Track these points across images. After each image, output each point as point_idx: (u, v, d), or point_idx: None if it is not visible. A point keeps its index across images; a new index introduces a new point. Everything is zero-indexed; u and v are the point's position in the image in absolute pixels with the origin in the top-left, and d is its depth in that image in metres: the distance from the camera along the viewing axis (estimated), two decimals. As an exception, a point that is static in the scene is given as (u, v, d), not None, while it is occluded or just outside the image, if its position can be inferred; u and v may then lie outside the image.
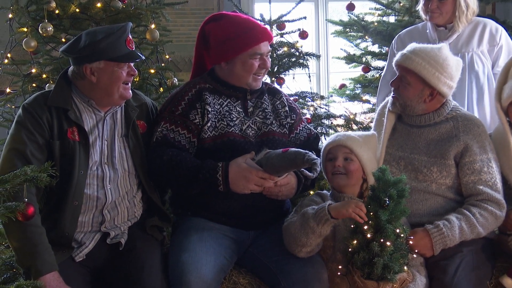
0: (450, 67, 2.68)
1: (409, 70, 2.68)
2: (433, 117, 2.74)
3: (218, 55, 2.70)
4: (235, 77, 2.70)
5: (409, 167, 2.72)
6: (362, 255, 2.29)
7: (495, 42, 3.31)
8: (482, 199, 2.60)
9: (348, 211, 2.33)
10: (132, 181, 2.61)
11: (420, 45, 2.76)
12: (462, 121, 2.72)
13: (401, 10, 4.67)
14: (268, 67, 2.72)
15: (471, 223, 2.55)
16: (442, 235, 2.52)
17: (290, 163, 2.42)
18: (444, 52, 2.71)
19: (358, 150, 2.60)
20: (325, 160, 2.68)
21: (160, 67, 3.71)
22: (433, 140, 2.72)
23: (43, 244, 2.31)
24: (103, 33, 2.46)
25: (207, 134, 2.64)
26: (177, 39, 4.45)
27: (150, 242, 2.60)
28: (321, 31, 5.78)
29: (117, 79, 2.49)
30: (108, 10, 3.41)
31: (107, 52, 2.45)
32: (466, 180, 2.64)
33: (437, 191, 2.67)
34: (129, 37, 2.52)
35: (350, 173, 2.58)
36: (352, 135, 2.67)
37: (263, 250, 2.63)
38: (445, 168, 2.66)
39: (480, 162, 2.64)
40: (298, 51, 4.04)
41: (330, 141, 2.68)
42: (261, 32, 2.68)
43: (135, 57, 2.54)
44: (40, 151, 2.41)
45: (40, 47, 3.45)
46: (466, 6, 3.23)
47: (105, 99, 2.53)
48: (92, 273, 2.50)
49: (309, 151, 2.42)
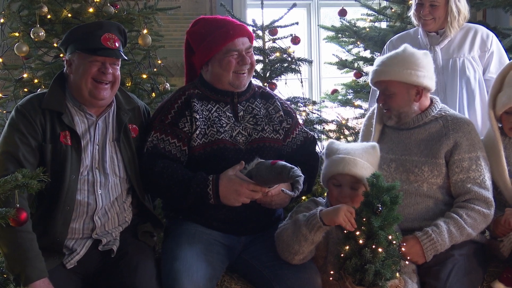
0: (420, 60, 2.72)
1: (387, 82, 2.73)
2: (421, 118, 2.77)
3: (199, 58, 2.71)
4: (217, 78, 2.69)
5: (400, 169, 2.73)
6: (354, 261, 2.28)
7: (486, 48, 3.33)
8: (470, 199, 2.63)
9: (338, 218, 2.32)
10: (123, 186, 2.59)
11: (384, 56, 2.84)
12: (452, 119, 2.75)
13: (392, 16, 4.70)
14: (248, 63, 2.69)
15: (459, 225, 2.57)
16: (431, 241, 2.53)
17: (277, 176, 2.41)
18: (409, 51, 2.75)
19: (365, 176, 2.48)
20: (328, 182, 2.60)
21: (153, 72, 3.71)
22: (423, 140, 2.74)
23: (34, 250, 2.30)
24: (81, 24, 2.47)
25: (196, 142, 2.63)
26: (169, 44, 4.44)
27: (142, 248, 2.59)
28: (313, 36, 5.79)
29: (84, 72, 2.46)
30: (101, 15, 3.41)
31: (79, 42, 2.46)
32: (455, 179, 2.67)
33: (428, 192, 2.68)
34: (108, 34, 2.48)
35: (356, 201, 2.48)
36: (357, 160, 2.54)
37: (256, 256, 2.62)
38: (436, 167, 2.68)
39: (468, 160, 2.67)
40: (290, 56, 4.05)
41: (336, 168, 2.55)
42: (234, 29, 2.67)
43: (108, 54, 2.48)
44: (33, 154, 2.40)
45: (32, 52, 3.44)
46: (457, 12, 3.26)
47: (79, 96, 2.50)
48: (83, 280, 2.49)
49: (295, 167, 2.38)
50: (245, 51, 2.68)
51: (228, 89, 2.71)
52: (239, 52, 2.66)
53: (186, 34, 2.79)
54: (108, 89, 2.51)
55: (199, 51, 2.70)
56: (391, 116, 2.79)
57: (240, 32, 2.68)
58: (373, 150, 2.64)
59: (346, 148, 2.62)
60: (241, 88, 2.72)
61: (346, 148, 2.61)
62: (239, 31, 2.68)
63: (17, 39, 3.32)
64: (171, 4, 4.03)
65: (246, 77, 2.72)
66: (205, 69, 2.73)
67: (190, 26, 2.79)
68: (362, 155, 2.58)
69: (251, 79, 2.80)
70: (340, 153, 2.58)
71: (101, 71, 2.48)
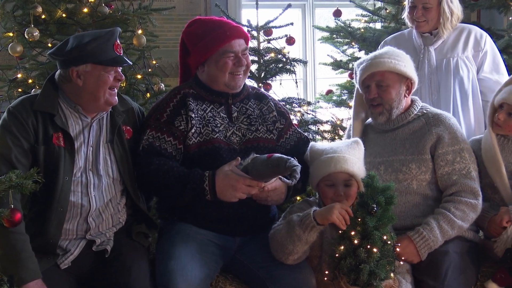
0: (405, 55, 2.84)
1: (383, 73, 2.76)
2: (404, 117, 2.83)
3: (195, 59, 2.71)
4: (213, 79, 2.69)
5: (389, 170, 2.77)
6: (348, 261, 2.29)
7: (479, 48, 3.34)
8: (457, 191, 2.67)
9: (332, 216, 2.32)
10: (117, 188, 2.59)
11: (372, 53, 2.89)
12: (433, 116, 2.82)
13: (387, 17, 4.71)
14: (244, 64, 2.70)
15: (449, 219, 2.60)
16: (424, 238, 2.56)
17: (273, 169, 2.42)
18: (393, 47, 2.90)
19: (357, 172, 2.54)
20: (320, 183, 2.59)
21: (147, 72, 3.70)
22: (407, 138, 2.80)
23: (27, 251, 2.29)
24: (91, 36, 2.45)
25: (192, 141, 2.63)
26: (164, 45, 4.43)
27: (136, 248, 2.59)
28: (308, 37, 5.80)
29: (103, 83, 2.47)
30: (95, 16, 3.41)
31: (94, 55, 2.43)
32: (441, 172, 2.71)
33: (418, 190, 2.72)
34: (117, 41, 2.50)
35: (351, 198, 2.52)
36: (347, 157, 2.56)
37: (251, 257, 2.62)
38: (423, 163, 2.72)
39: (452, 153, 2.72)
40: (285, 57, 4.05)
41: (328, 168, 2.55)
42: (230, 30, 2.68)
43: (122, 62, 2.52)
44: (25, 155, 2.39)
45: (26, 52, 3.43)
46: (450, 13, 3.27)
47: (91, 104, 2.50)
48: (78, 280, 2.49)
49: (291, 158, 2.39)
50: (241, 53, 2.69)
51: (224, 90, 2.71)
52: (235, 54, 2.66)
53: (182, 35, 2.79)
54: (116, 93, 2.54)
55: (195, 51, 2.70)
56: (383, 111, 2.81)
57: (237, 34, 2.69)
58: (357, 145, 2.67)
59: (331, 147, 2.64)
60: (237, 89, 2.73)
61: (332, 147, 2.63)
62: (236, 32, 2.69)
63: (11, 39, 3.31)
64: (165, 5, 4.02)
65: (241, 78, 2.73)
66: (200, 69, 2.73)
67: (185, 27, 2.79)
68: (349, 151, 2.61)
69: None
70: (326, 153, 2.60)
71: (116, 79, 2.51)
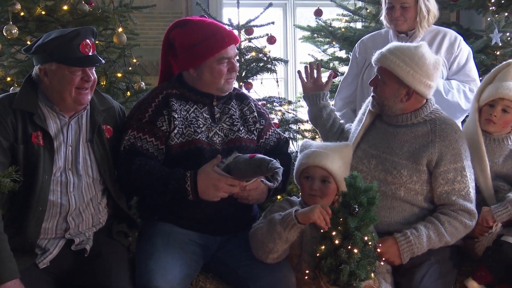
0: (427, 65, 2.61)
1: (384, 69, 2.65)
2: (410, 117, 2.68)
3: (185, 62, 2.68)
4: (204, 83, 2.68)
5: (380, 167, 2.67)
6: (329, 261, 2.29)
7: (453, 51, 3.35)
8: (454, 210, 2.60)
9: (313, 216, 2.33)
10: (97, 188, 2.57)
11: (398, 44, 2.71)
12: (440, 124, 2.66)
13: (368, 17, 4.74)
14: (237, 69, 2.72)
15: (439, 232, 2.56)
16: (409, 243, 2.53)
17: (255, 169, 2.42)
18: (421, 50, 2.63)
19: (336, 171, 2.55)
20: (300, 176, 2.63)
21: (128, 71, 3.69)
22: (407, 142, 2.67)
23: (5, 251, 2.26)
24: (56, 34, 2.42)
25: (174, 141, 2.62)
26: (145, 43, 4.41)
27: (116, 247, 2.58)
28: (289, 36, 5.81)
29: (67, 83, 2.43)
30: (75, 13, 3.39)
31: (56, 54, 2.40)
32: (440, 191, 2.62)
33: (405, 198, 2.63)
34: (85, 41, 2.44)
35: (327, 197, 2.55)
36: (329, 154, 2.59)
37: (231, 256, 2.63)
38: (416, 173, 2.62)
39: (453, 171, 2.61)
40: (266, 56, 4.06)
41: (307, 160, 2.60)
42: (227, 36, 2.67)
43: (88, 63, 2.45)
44: (4, 154, 2.37)
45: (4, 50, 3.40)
46: (427, 11, 3.29)
47: (60, 103, 2.47)
48: (56, 280, 2.47)
49: (274, 159, 2.40)
50: (233, 57, 2.69)
51: (213, 93, 2.71)
52: (229, 60, 2.66)
53: (170, 33, 2.72)
54: (89, 93, 2.50)
55: (188, 55, 2.65)
56: (375, 103, 2.73)
57: (232, 40, 2.68)
58: (346, 148, 2.69)
59: (319, 145, 2.69)
60: (228, 91, 2.74)
61: (319, 145, 2.69)
62: (231, 38, 2.68)
63: (-11, 37, 3.28)
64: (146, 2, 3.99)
65: (233, 82, 2.75)
66: (191, 72, 2.69)
67: (175, 26, 2.72)
68: (334, 150, 2.62)
69: None
70: (311, 148, 2.65)
71: (84, 80, 2.46)
